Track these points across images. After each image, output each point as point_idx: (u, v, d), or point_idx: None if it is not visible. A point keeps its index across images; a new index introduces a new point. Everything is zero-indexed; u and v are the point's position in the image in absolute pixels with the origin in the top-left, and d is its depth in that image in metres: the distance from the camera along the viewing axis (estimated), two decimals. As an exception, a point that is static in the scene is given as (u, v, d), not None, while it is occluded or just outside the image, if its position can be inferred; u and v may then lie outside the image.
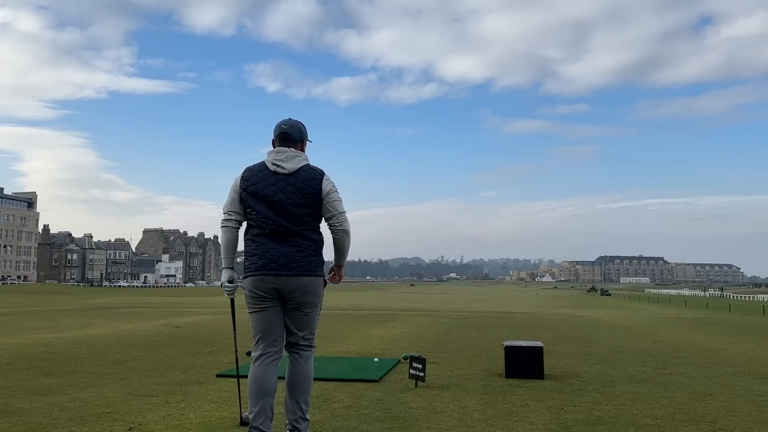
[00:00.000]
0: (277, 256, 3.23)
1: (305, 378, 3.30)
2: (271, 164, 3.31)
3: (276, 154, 3.33)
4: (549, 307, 45.50)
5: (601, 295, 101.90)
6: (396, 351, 7.91)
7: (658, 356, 7.90)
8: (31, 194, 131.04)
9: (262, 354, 3.28)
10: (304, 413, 3.27)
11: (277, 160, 3.30)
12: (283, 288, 3.23)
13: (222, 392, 4.89)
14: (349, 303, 39.75)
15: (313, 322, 3.37)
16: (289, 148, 3.34)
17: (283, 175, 3.28)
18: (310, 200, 3.27)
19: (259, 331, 3.30)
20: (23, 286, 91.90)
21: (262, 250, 3.26)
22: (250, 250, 3.33)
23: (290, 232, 3.25)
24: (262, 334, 3.29)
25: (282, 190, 3.25)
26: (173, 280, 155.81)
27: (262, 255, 3.26)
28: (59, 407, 4.26)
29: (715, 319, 22.18)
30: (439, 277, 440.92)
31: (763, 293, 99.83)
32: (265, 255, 3.25)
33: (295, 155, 3.33)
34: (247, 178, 3.33)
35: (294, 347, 3.34)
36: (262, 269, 3.24)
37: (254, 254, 3.29)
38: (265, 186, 3.27)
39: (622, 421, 4.09)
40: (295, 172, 3.28)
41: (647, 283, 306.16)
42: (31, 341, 8.82)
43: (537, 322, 15.72)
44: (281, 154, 3.32)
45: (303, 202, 3.26)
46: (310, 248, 3.29)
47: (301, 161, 3.33)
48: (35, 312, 19.36)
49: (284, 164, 3.29)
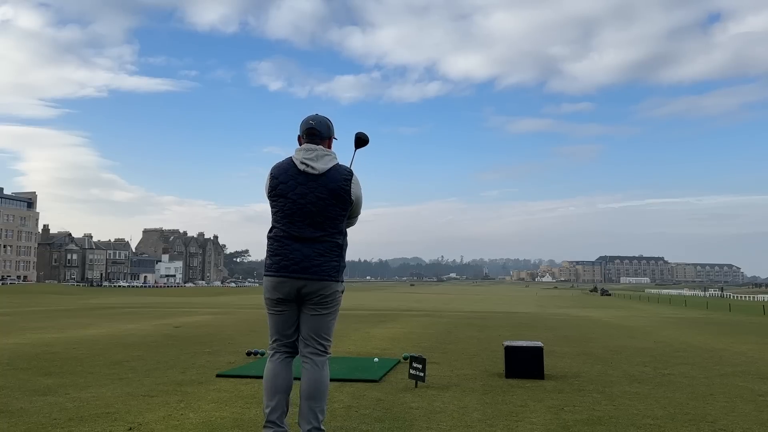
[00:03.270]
0: (299, 258, 3.16)
1: (321, 386, 3.17)
2: (300, 163, 3.20)
3: (306, 153, 3.22)
4: (549, 307, 45.54)
5: (601, 295, 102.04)
6: (396, 351, 7.91)
7: (658, 356, 7.90)
8: (30, 194, 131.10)
9: (277, 352, 3.27)
10: (320, 423, 3.13)
11: (307, 158, 3.20)
12: (303, 291, 3.18)
13: (222, 392, 4.89)
14: (349, 303, 39.74)
15: (330, 327, 3.28)
16: (318, 146, 3.24)
17: (313, 175, 3.18)
18: (340, 202, 3.20)
19: (276, 332, 3.28)
20: (23, 286, 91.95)
21: (285, 251, 3.19)
22: (273, 250, 3.24)
23: (316, 234, 3.18)
24: (279, 335, 3.28)
25: (313, 191, 3.17)
26: (173, 280, 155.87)
27: (285, 256, 3.18)
28: (59, 407, 4.26)
29: (715, 319, 22.18)
30: (439, 277, 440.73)
31: (763, 293, 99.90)
32: (287, 256, 3.17)
33: (324, 154, 3.23)
34: (277, 176, 3.23)
35: (309, 353, 3.21)
36: (283, 270, 3.17)
37: (277, 254, 3.21)
38: (295, 186, 3.18)
39: (622, 421, 4.09)
40: (326, 172, 3.19)
41: (647, 283, 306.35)
42: (31, 341, 8.82)
43: (537, 322, 15.72)
44: (311, 153, 3.21)
45: (333, 203, 3.19)
46: (334, 252, 3.22)
47: (331, 161, 3.23)
48: (35, 312, 19.37)
49: (314, 164, 3.19)
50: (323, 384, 3.17)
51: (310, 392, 3.14)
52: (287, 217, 3.19)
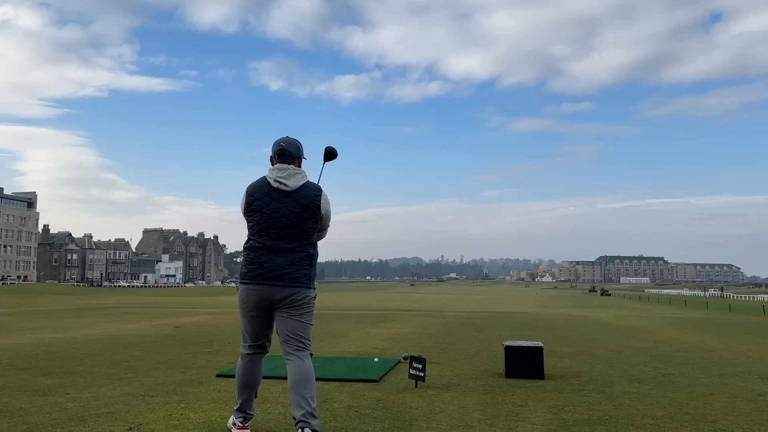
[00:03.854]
0: (273, 267, 3.42)
1: (308, 375, 3.36)
2: (274, 181, 3.48)
3: (279, 172, 3.50)
4: (549, 307, 45.54)
5: (601, 295, 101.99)
6: (396, 351, 7.91)
7: (658, 356, 7.90)
8: (31, 194, 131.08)
9: (249, 353, 3.56)
10: (313, 410, 3.28)
11: (280, 177, 3.48)
12: (276, 297, 3.42)
13: (222, 392, 4.89)
14: (349, 303, 39.76)
15: (307, 328, 3.50)
16: (290, 166, 3.52)
17: (286, 192, 3.47)
18: (311, 216, 3.49)
19: (250, 334, 3.54)
20: (23, 286, 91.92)
21: (260, 261, 3.45)
22: (249, 260, 3.51)
23: (289, 246, 3.46)
24: (251, 337, 3.55)
25: (286, 206, 3.46)
26: (173, 280, 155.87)
27: (260, 265, 3.44)
28: (59, 407, 4.26)
29: (715, 319, 22.18)
30: (439, 277, 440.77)
31: (763, 293, 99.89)
32: (262, 265, 3.43)
33: (296, 172, 3.52)
34: (252, 194, 3.51)
35: (292, 350, 3.44)
36: (258, 278, 3.43)
37: (252, 263, 3.47)
38: (270, 201, 3.47)
39: (622, 421, 4.09)
40: (298, 189, 3.48)
41: (647, 283, 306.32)
42: (31, 341, 8.82)
43: (537, 322, 15.72)
44: (284, 171, 3.50)
45: (305, 216, 3.47)
46: (305, 261, 3.49)
47: (302, 178, 3.53)
48: (35, 312, 19.37)
49: (287, 181, 3.47)
50: (309, 373, 3.38)
51: (298, 382, 3.34)
52: (263, 230, 3.47)
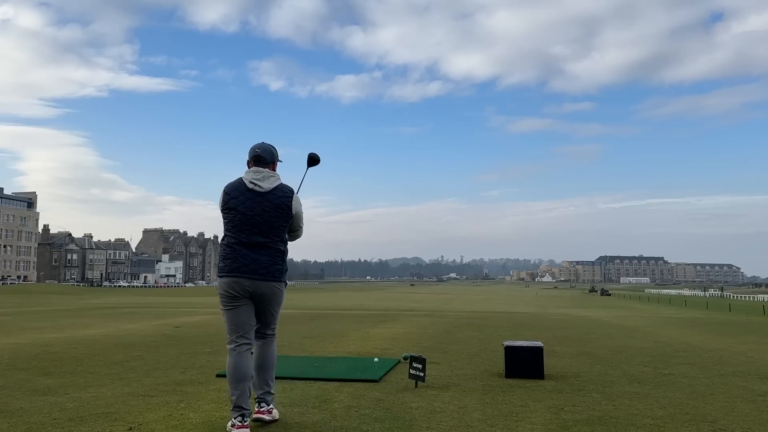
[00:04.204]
0: (249, 261, 3.75)
1: (271, 359, 3.95)
2: (249, 182, 3.83)
3: (254, 174, 3.85)
4: (549, 307, 45.56)
5: (601, 295, 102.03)
6: (396, 351, 7.91)
7: (658, 356, 7.90)
8: (31, 194, 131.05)
9: (237, 345, 3.79)
10: (271, 388, 3.93)
11: (255, 179, 3.83)
12: (253, 289, 3.77)
13: (222, 392, 4.89)
14: (349, 303, 39.80)
15: (277, 318, 3.99)
16: (264, 169, 3.88)
17: (260, 192, 3.81)
18: (283, 215, 3.84)
19: (234, 326, 3.80)
20: (23, 286, 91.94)
21: (236, 256, 3.78)
22: (225, 254, 3.83)
23: (263, 242, 3.79)
24: (236, 328, 3.80)
25: (260, 205, 3.79)
26: (173, 280, 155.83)
27: (235, 259, 3.77)
28: (59, 407, 4.26)
29: (715, 319, 22.19)
30: (439, 277, 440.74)
31: (763, 293, 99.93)
32: (238, 260, 3.76)
33: (270, 175, 3.87)
34: (229, 192, 3.85)
35: (262, 336, 3.95)
36: (236, 272, 3.75)
37: (228, 258, 3.80)
38: (245, 201, 3.79)
39: (622, 421, 4.09)
40: (271, 190, 3.82)
41: (647, 283, 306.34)
42: (31, 341, 8.82)
43: (537, 322, 15.72)
44: (258, 174, 3.85)
45: (277, 215, 3.81)
46: (277, 257, 3.84)
47: (276, 181, 3.88)
48: (35, 312, 19.37)
49: (261, 183, 3.82)
50: (272, 356, 3.95)
51: (260, 364, 3.90)
52: (237, 226, 3.80)
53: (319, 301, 48.06)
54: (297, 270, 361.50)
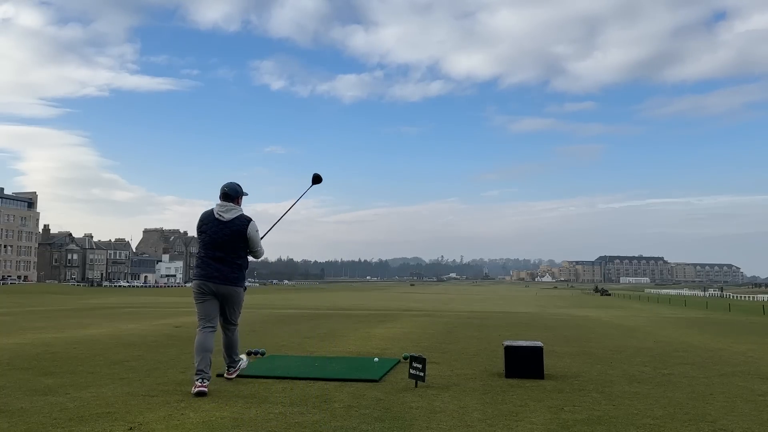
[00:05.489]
0: (213, 270, 5.16)
1: (235, 342, 5.50)
2: (216, 214, 5.21)
3: (220, 207, 5.23)
4: (549, 307, 45.57)
5: (601, 295, 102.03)
6: (396, 351, 7.91)
7: (658, 356, 7.90)
8: (31, 194, 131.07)
9: (204, 328, 5.12)
10: (235, 358, 5.51)
11: (220, 211, 5.21)
12: (218, 291, 5.17)
13: (222, 392, 4.89)
14: (350, 303, 39.81)
15: (238, 314, 5.43)
16: (229, 203, 5.23)
17: (223, 221, 5.18)
18: (239, 239, 5.19)
19: (202, 315, 5.17)
20: (23, 286, 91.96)
21: (205, 266, 5.20)
22: (198, 264, 5.29)
23: (223, 257, 5.18)
24: (204, 316, 5.17)
25: (222, 230, 5.17)
26: (173, 280, 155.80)
27: (204, 268, 5.20)
28: (59, 407, 4.26)
29: (715, 319, 22.19)
30: (439, 277, 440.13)
31: (763, 293, 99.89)
32: (206, 269, 5.19)
33: (232, 208, 5.23)
34: (203, 220, 5.26)
35: (227, 328, 5.43)
36: (204, 277, 5.18)
37: (200, 267, 5.24)
38: (212, 227, 5.20)
39: (622, 421, 4.10)
40: (232, 220, 5.19)
41: (647, 283, 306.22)
42: (31, 341, 8.82)
43: (537, 322, 15.72)
44: (224, 207, 5.22)
45: (235, 239, 5.18)
46: (235, 268, 5.23)
47: (236, 212, 5.22)
48: (35, 312, 19.36)
49: (224, 215, 5.20)
50: (235, 340, 5.49)
51: (227, 345, 5.46)
52: (206, 245, 5.22)
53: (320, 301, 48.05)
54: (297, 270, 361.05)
